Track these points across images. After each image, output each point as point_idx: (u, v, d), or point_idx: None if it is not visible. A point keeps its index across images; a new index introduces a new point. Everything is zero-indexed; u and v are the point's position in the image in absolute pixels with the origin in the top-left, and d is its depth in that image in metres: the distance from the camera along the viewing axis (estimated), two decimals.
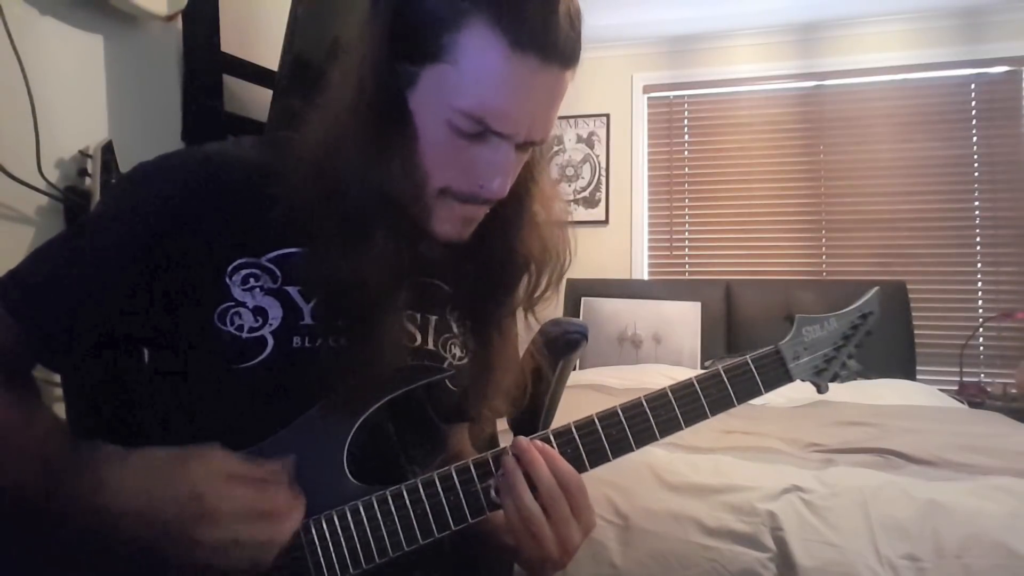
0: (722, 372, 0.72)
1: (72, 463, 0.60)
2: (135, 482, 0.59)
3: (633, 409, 0.70)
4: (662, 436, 0.70)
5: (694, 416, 0.71)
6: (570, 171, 3.63)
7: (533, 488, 0.64)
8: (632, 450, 0.69)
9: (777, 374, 0.74)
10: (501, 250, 0.74)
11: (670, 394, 0.71)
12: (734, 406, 0.72)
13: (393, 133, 0.64)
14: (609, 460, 0.69)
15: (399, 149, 0.64)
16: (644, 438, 0.69)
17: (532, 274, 0.76)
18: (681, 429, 0.71)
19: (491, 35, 0.58)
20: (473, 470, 0.66)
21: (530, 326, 0.84)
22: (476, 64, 0.59)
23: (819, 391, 0.78)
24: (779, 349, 0.75)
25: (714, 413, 0.72)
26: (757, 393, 0.73)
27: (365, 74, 0.62)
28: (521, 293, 0.77)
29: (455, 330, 0.79)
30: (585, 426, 0.68)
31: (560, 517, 0.64)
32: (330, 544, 0.63)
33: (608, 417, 0.69)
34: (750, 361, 0.73)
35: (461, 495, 0.66)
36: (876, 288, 0.81)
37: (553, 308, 0.84)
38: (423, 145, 0.64)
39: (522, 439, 0.66)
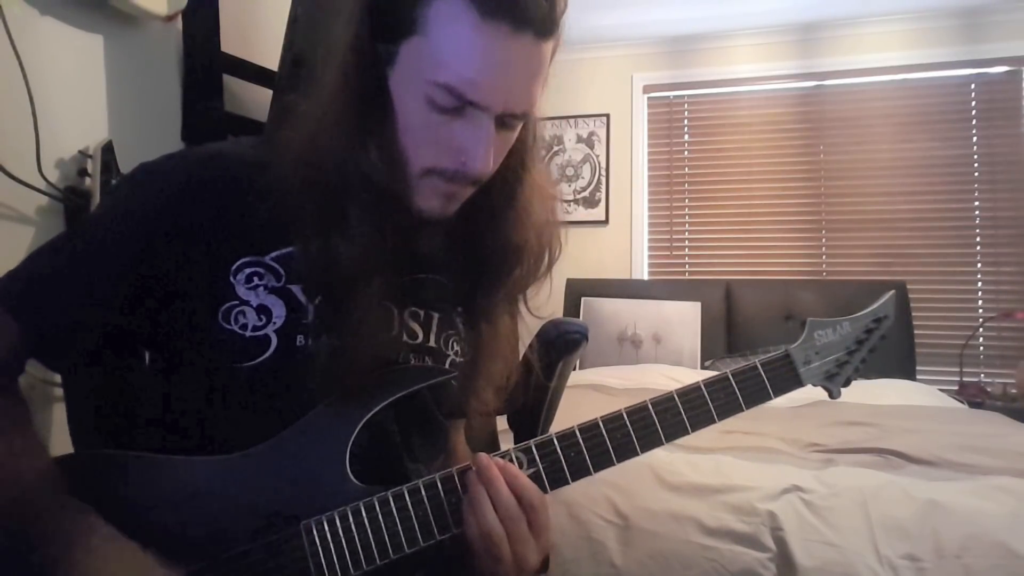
0: (730, 376, 0.71)
1: (51, 509, 0.57)
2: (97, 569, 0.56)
3: (638, 413, 0.69)
4: (668, 440, 0.69)
5: (701, 421, 0.70)
6: (570, 171, 3.63)
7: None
8: (637, 454, 0.68)
9: (787, 379, 0.73)
10: (492, 237, 0.73)
11: (676, 398, 0.70)
12: (742, 411, 0.71)
13: (373, 114, 0.64)
14: (614, 464, 0.68)
15: (379, 130, 0.64)
16: (649, 442, 0.69)
17: (524, 262, 0.76)
18: (688, 434, 0.70)
19: (460, 5, 0.58)
20: None
21: (528, 328, 0.83)
22: (447, 34, 0.59)
23: (831, 396, 0.76)
24: (789, 353, 0.74)
25: (722, 418, 0.70)
26: (766, 398, 0.72)
27: (347, 57, 0.63)
28: (513, 281, 0.77)
29: (458, 327, 0.79)
30: (589, 429, 0.68)
31: (519, 537, 0.63)
32: (331, 545, 0.63)
33: (613, 420, 0.68)
34: (759, 365, 0.72)
35: (463, 496, 0.65)
36: (892, 292, 0.79)
37: (552, 308, 0.84)
38: (403, 125, 0.64)
39: (483, 456, 0.64)
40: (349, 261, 0.63)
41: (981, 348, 3.09)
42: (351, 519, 0.63)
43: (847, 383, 0.77)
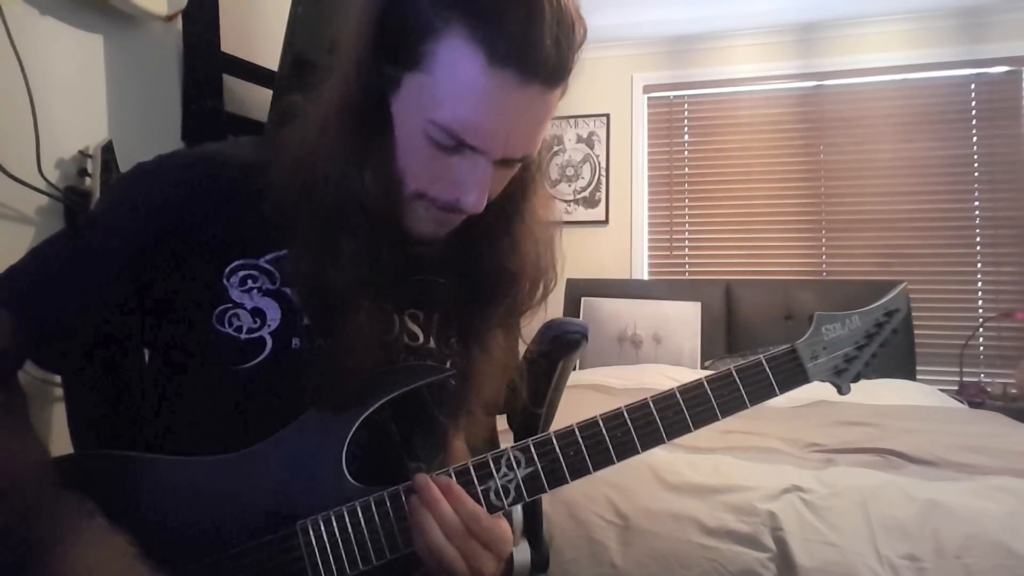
0: (734, 372, 0.70)
1: (43, 504, 0.57)
2: (82, 564, 0.56)
3: (639, 411, 0.68)
4: (669, 438, 0.68)
5: (703, 419, 0.69)
6: (570, 171, 3.63)
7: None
8: (637, 452, 0.68)
9: (793, 374, 0.71)
10: (489, 263, 0.72)
11: (678, 395, 0.69)
12: (747, 408, 0.69)
13: (372, 136, 0.63)
14: (614, 463, 0.67)
15: (377, 152, 0.63)
16: (650, 441, 0.68)
17: (518, 289, 0.75)
18: (690, 432, 0.69)
19: (468, 48, 0.56)
20: (473, 472, 0.66)
21: (520, 339, 0.83)
22: (452, 76, 0.58)
23: (840, 392, 0.75)
24: (795, 348, 0.72)
25: (725, 415, 0.69)
26: (771, 394, 0.70)
27: (351, 74, 0.62)
28: (506, 308, 0.76)
29: (457, 328, 0.78)
30: (588, 427, 0.67)
31: (470, 553, 0.61)
32: (327, 545, 0.63)
33: (613, 419, 0.68)
34: (764, 361, 0.70)
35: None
36: (903, 284, 0.77)
37: (552, 308, 0.83)
38: (401, 151, 0.63)
39: (420, 477, 0.63)
40: (341, 279, 0.63)
41: (981, 348, 3.09)
42: (347, 519, 0.63)
43: (856, 379, 0.75)
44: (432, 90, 0.59)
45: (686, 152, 3.56)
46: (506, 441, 0.76)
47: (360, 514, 0.64)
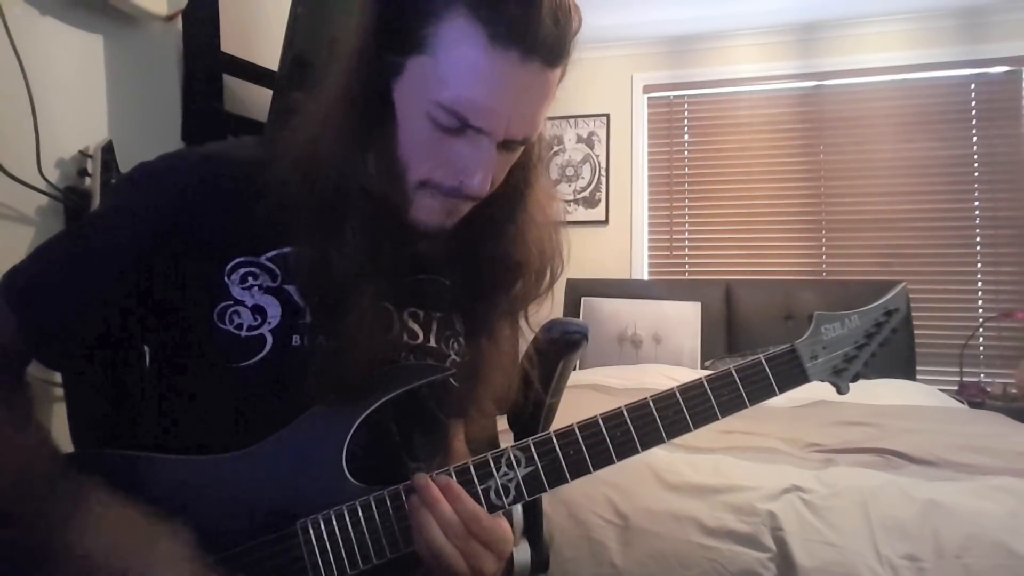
0: (734, 372, 0.70)
1: (52, 489, 0.58)
2: (100, 537, 0.56)
3: (639, 410, 0.68)
4: (669, 438, 0.68)
5: (703, 418, 0.69)
6: (570, 171, 3.63)
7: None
8: (637, 452, 0.68)
9: (792, 374, 0.72)
10: (494, 253, 0.73)
11: (678, 395, 0.69)
12: (746, 407, 0.70)
13: (374, 125, 0.64)
14: (614, 462, 0.68)
15: (379, 140, 0.64)
16: (650, 440, 0.68)
17: (523, 279, 0.75)
18: (689, 431, 0.69)
19: (470, 28, 0.58)
20: (473, 471, 0.66)
21: (528, 328, 0.83)
22: (454, 57, 0.59)
23: (839, 392, 0.75)
24: (795, 348, 0.72)
25: (725, 415, 0.69)
26: (771, 394, 0.71)
27: (352, 64, 0.63)
28: (513, 297, 0.76)
29: (458, 327, 0.78)
30: (589, 427, 0.68)
31: (471, 553, 0.62)
32: (327, 544, 0.63)
33: (613, 418, 0.68)
34: (764, 361, 0.71)
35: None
36: (903, 284, 0.78)
37: (553, 308, 0.83)
38: (403, 137, 0.64)
39: (420, 476, 0.63)
40: (344, 269, 0.63)
41: (981, 348, 3.09)
42: (347, 518, 0.63)
43: (856, 378, 0.75)
44: (435, 71, 0.60)
45: (686, 152, 3.56)
46: (506, 441, 0.76)
47: (360, 513, 0.64)
